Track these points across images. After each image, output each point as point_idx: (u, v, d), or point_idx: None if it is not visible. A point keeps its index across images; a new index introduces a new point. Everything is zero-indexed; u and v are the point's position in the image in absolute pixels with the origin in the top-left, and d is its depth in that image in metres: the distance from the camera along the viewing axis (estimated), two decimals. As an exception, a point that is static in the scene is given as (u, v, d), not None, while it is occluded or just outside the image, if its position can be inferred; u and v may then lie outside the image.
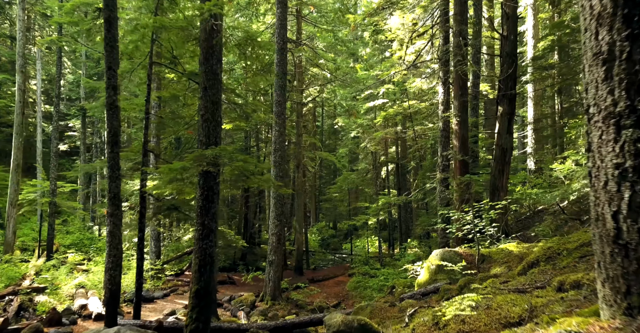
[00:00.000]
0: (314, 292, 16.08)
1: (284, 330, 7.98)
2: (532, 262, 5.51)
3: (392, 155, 27.46)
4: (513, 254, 7.89)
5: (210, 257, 6.68)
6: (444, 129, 13.36)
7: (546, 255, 5.42)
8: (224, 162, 6.45)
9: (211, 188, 6.78)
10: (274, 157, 14.33)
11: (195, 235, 6.78)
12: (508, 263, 7.43)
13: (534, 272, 5.02)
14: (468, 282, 6.79)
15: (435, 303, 6.91)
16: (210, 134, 6.88)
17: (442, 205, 12.77)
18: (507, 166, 12.22)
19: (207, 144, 6.79)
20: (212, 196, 6.80)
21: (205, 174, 6.71)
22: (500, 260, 7.86)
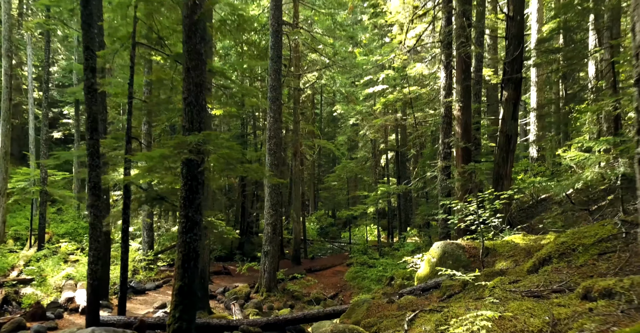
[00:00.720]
0: (311, 282, 15.69)
1: (276, 327, 7.56)
2: (544, 258, 5.03)
3: (392, 142, 26.90)
4: (519, 247, 7.42)
5: (195, 252, 6.21)
6: (445, 115, 12.81)
7: (559, 250, 4.93)
8: (208, 150, 5.93)
9: (195, 177, 6.28)
10: (269, 144, 13.80)
11: (178, 228, 6.29)
12: (514, 258, 6.96)
13: (547, 271, 4.53)
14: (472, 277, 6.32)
15: (436, 300, 6.46)
16: (193, 119, 6.35)
17: (443, 195, 12.29)
18: (512, 154, 11.71)
19: (190, 129, 6.27)
20: (196, 186, 6.30)
21: (188, 163, 6.20)
22: (506, 253, 7.40)
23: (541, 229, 10.58)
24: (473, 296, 5.28)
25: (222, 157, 6.19)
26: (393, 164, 27.26)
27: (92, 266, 7.41)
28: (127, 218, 8.36)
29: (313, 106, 32.83)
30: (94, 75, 7.58)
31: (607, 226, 4.91)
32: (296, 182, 21.35)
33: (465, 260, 7.61)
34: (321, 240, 29.49)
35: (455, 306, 3.89)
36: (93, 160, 7.53)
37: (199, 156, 5.99)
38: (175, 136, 6.57)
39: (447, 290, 6.48)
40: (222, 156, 6.15)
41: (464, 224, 8.32)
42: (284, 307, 12.85)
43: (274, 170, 13.84)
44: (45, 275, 12.36)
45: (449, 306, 4.36)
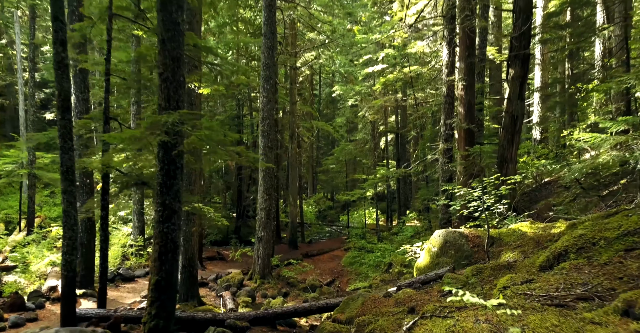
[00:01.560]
0: (307, 268, 15.25)
1: (265, 321, 7.08)
2: (559, 252, 4.46)
3: (392, 124, 26.23)
4: (527, 236, 6.88)
5: (173, 243, 5.65)
6: (447, 94, 12.14)
7: (577, 244, 4.37)
8: (186, 131, 5.31)
9: (173, 161, 5.68)
10: (262, 126, 13.16)
11: (154, 217, 5.73)
12: (522, 248, 6.42)
13: (565, 269, 3.97)
14: (477, 271, 5.79)
15: (437, 295, 5.93)
16: (170, 96, 5.71)
17: (445, 179, 11.72)
18: (518, 135, 11.08)
19: (167, 108, 5.64)
20: (174, 171, 5.70)
21: (164, 145, 5.59)
22: (513, 243, 6.86)
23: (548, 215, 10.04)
24: (477, 293, 4.74)
25: (201, 140, 5.57)
26: (393, 146, 26.64)
27: (66, 257, 6.87)
28: (106, 205, 7.79)
29: (311, 87, 32.00)
30: (64, 48, 6.89)
31: (633, 217, 4.34)
32: (293, 165, 20.75)
33: (469, 251, 7.08)
34: (319, 223, 29.07)
35: (462, 315, 3.34)
36: (65, 142, 6.91)
37: (173, 138, 5.37)
38: (149, 115, 5.94)
39: (448, 284, 5.95)
40: (200, 138, 5.53)
41: (467, 211, 7.76)
42: (278, 294, 12.42)
43: (268, 153, 13.24)
44: (29, 261, 11.87)
45: (452, 312, 3.82)
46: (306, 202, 32.08)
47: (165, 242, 5.64)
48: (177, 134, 5.46)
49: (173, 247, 5.69)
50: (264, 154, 13.12)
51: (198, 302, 10.22)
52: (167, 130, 5.35)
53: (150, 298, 5.52)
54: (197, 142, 5.66)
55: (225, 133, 5.70)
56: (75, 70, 10.57)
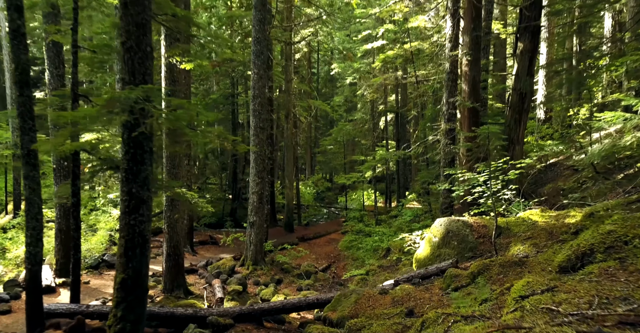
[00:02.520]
0: (302, 253, 14.69)
1: (251, 317, 6.51)
2: (583, 251, 3.81)
3: (392, 103, 25.37)
4: (538, 226, 6.23)
5: (142, 236, 5.01)
6: (450, 71, 11.32)
7: (605, 243, 3.71)
8: (151, 109, 4.59)
9: (139, 144, 4.97)
10: (254, 104, 12.38)
11: (120, 208, 5.07)
12: (534, 240, 5.78)
13: (594, 273, 3.32)
14: (484, 267, 5.15)
15: (439, 293, 5.31)
16: (135, 69, 4.97)
17: (446, 161, 11.03)
18: (525, 114, 10.37)
19: (131, 83, 4.90)
20: (141, 155, 5.01)
21: (130, 126, 4.88)
22: (522, 234, 6.21)
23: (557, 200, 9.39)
24: (486, 298, 4.11)
25: (170, 120, 4.85)
26: (392, 126, 25.84)
27: (30, 249, 6.25)
28: (78, 191, 7.12)
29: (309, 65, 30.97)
30: (20, 15, 6.11)
31: (673, 211, 3.66)
32: (289, 146, 20.02)
33: (473, 242, 6.45)
34: (317, 205, 28.53)
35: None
36: (25, 122, 6.21)
37: (132, 117, 4.65)
38: (107, 90, 5.22)
39: (452, 281, 5.33)
40: (172, 117, 4.81)
41: (471, 197, 7.09)
42: (270, 281, 11.89)
43: (260, 133, 12.50)
44: (7, 248, 11.30)
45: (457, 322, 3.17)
46: (304, 183, 31.46)
47: (133, 236, 4.99)
48: (143, 113, 4.74)
49: (141, 242, 5.04)
50: (255, 134, 12.39)
51: (184, 291, 9.68)
52: (126, 108, 4.63)
53: (115, 299, 4.90)
54: (166, 122, 4.94)
55: (199, 112, 4.98)
56: (47, 43, 9.75)
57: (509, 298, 3.47)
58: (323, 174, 35.79)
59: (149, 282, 9.99)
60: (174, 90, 9.37)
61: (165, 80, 9.36)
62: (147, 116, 4.55)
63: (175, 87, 9.41)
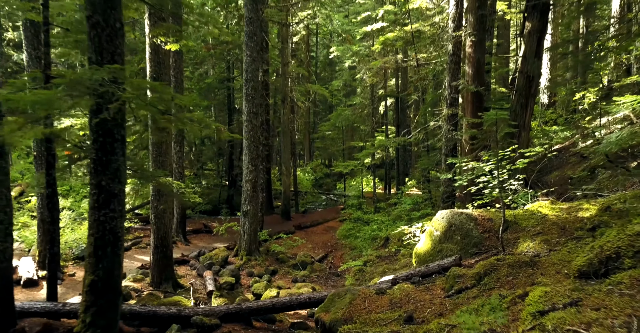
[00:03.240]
0: (298, 243, 14.31)
1: (238, 317, 6.09)
2: (608, 255, 3.33)
3: (392, 88, 24.71)
4: (548, 220, 5.75)
5: (113, 234, 4.53)
6: (453, 52, 10.70)
7: (634, 246, 3.23)
8: (117, 92, 4.06)
9: (109, 132, 4.46)
10: (246, 88, 11.81)
11: (89, 202, 4.58)
12: (544, 236, 5.30)
13: (624, 284, 2.85)
14: (491, 267, 4.68)
15: (441, 295, 4.86)
16: (102, 48, 4.42)
17: (448, 148, 10.51)
18: (532, 99, 9.82)
19: (98, 63, 4.36)
20: (112, 144, 4.50)
21: (99, 111, 4.36)
22: (532, 228, 5.74)
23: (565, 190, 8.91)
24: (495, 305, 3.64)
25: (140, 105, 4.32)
26: (392, 111, 25.24)
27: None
28: (53, 181, 6.63)
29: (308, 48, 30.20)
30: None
31: None
32: (285, 131, 19.46)
33: (478, 237, 5.98)
34: (316, 191, 28.08)
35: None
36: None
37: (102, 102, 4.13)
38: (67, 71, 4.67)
39: (455, 282, 4.87)
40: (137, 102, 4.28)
41: (475, 188, 6.58)
42: (265, 272, 11.50)
43: (253, 119, 11.96)
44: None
45: None
46: (302, 170, 30.97)
47: (103, 233, 4.51)
48: (110, 96, 4.21)
49: (113, 240, 4.56)
50: (248, 120, 11.85)
51: (173, 284, 9.28)
52: (91, 92, 4.10)
53: (84, 303, 4.44)
54: (136, 107, 4.41)
55: (174, 96, 4.45)
56: (24, 22, 9.14)
57: (524, 311, 3.00)
58: (322, 160, 35.25)
59: (137, 276, 9.59)
60: (159, 73, 8.81)
61: (150, 62, 8.79)
62: (112, 100, 4.02)
63: (161, 69, 8.83)
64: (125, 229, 13.65)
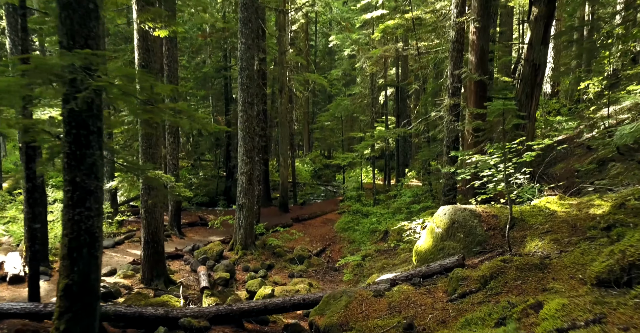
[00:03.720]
0: (295, 236, 14.01)
1: (229, 319, 5.79)
2: (631, 262, 3.00)
3: (392, 77, 24.24)
4: (558, 217, 5.41)
5: (90, 234, 4.19)
6: (456, 40, 10.27)
7: (662, 252, 2.88)
8: (87, 80, 3.68)
9: (84, 124, 4.09)
10: (241, 77, 11.40)
11: (63, 200, 4.24)
12: (554, 235, 4.96)
13: (654, 298, 2.49)
14: (497, 269, 4.35)
15: (443, 298, 4.53)
16: (74, 31, 4.03)
17: (450, 139, 10.13)
18: (538, 88, 9.43)
19: (71, 47, 3.98)
20: (87, 137, 4.14)
21: (72, 101, 3.99)
22: (539, 226, 5.39)
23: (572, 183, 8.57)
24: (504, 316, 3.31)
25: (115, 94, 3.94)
26: (392, 101, 24.81)
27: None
28: (33, 175, 6.28)
29: (307, 37, 29.66)
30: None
31: None
32: (283, 122, 19.06)
33: (482, 235, 5.64)
34: (315, 183, 27.73)
35: None
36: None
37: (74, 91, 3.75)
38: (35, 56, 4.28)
39: (458, 285, 4.54)
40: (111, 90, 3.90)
41: (479, 182, 6.23)
42: (261, 267, 11.21)
43: (248, 109, 11.57)
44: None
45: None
46: (301, 160, 30.58)
47: (78, 234, 4.17)
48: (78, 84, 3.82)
49: (89, 240, 4.22)
50: (243, 110, 11.46)
51: (165, 281, 8.97)
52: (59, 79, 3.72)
53: (58, 309, 4.12)
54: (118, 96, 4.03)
55: (154, 84, 4.07)
56: (5, 7, 8.70)
57: (540, 328, 2.66)
58: (321, 151, 34.83)
59: (128, 272, 9.29)
60: (148, 60, 8.40)
61: (139, 49, 8.37)
62: (81, 89, 3.64)
63: (150, 57, 8.42)
64: (118, 222, 13.39)
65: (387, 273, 9.71)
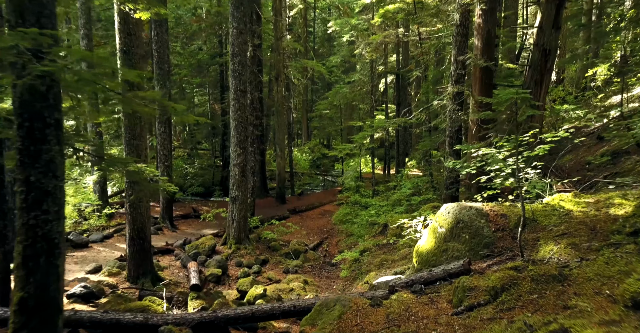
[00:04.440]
0: (292, 229, 13.55)
1: (213, 327, 5.34)
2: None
3: (392, 64, 23.58)
4: (574, 218, 4.90)
5: (47, 241, 3.69)
6: (461, 23, 9.65)
7: None
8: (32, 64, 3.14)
9: (38, 115, 3.57)
10: (233, 64, 10.81)
11: (17, 202, 3.73)
12: (570, 238, 4.47)
13: None
14: (509, 280, 3.86)
15: (447, 309, 4.05)
16: (24, 8, 3.47)
17: (453, 129, 9.59)
18: (548, 75, 8.87)
19: (20, 27, 3.43)
20: (42, 130, 3.62)
21: (24, 89, 3.46)
22: (554, 228, 4.89)
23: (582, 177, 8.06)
24: None
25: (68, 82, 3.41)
26: (393, 88, 24.17)
27: None
28: (1, 169, 5.76)
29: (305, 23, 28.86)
30: None
31: None
32: (280, 111, 18.47)
33: (489, 236, 5.14)
34: (313, 173, 27.20)
35: None
36: None
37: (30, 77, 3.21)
38: None
39: (465, 296, 4.06)
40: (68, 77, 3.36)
41: (485, 177, 5.71)
42: (255, 262, 10.77)
43: (241, 97, 11.00)
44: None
45: None
46: (300, 149, 30.03)
47: (34, 240, 3.67)
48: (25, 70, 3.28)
49: (47, 247, 3.72)
50: (235, 98, 10.90)
51: (153, 278, 8.53)
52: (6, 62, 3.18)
53: (12, 325, 3.63)
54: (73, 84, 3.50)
55: (116, 69, 3.53)
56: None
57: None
58: (320, 140, 34.23)
59: (113, 269, 8.83)
60: (130, 45, 7.83)
61: (120, 33, 7.80)
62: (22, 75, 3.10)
63: (132, 41, 7.84)
64: (107, 215, 12.91)
65: (385, 270, 9.28)
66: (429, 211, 9.79)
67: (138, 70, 8.04)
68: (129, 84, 7.94)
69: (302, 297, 7.93)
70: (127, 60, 7.82)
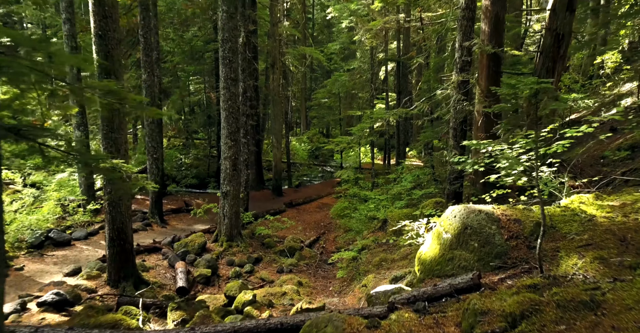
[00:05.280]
0: (287, 224, 12.99)
1: (192, 345, 4.79)
2: None
3: (393, 51, 22.78)
4: (598, 225, 4.31)
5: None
6: (466, 6, 8.95)
7: None
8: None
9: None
10: (223, 50, 10.14)
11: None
12: (597, 250, 3.87)
13: None
14: (530, 306, 3.28)
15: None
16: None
17: (458, 121, 8.95)
18: (561, 62, 8.20)
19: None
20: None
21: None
22: (576, 236, 4.30)
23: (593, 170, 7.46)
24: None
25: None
26: (393, 76, 23.43)
27: None
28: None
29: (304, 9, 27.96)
30: None
31: None
32: (275, 99, 17.79)
33: (502, 245, 4.55)
34: (311, 163, 26.58)
35: None
36: None
37: None
38: None
39: (476, 322, 3.47)
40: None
41: (494, 176, 5.09)
42: (247, 261, 10.23)
43: (231, 86, 10.35)
44: None
45: None
46: (298, 139, 29.38)
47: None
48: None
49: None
50: (225, 87, 10.26)
51: (135, 281, 7.99)
52: None
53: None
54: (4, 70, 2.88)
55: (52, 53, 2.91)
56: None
57: None
58: (319, 129, 33.55)
59: (93, 271, 8.27)
60: (106, 29, 7.15)
61: (95, 15, 7.12)
62: None
63: (108, 25, 7.17)
64: (92, 211, 12.33)
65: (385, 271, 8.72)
66: (431, 207, 9.20)
67: (116, 56, 7.40)
68: (105, 72, 7.30)
69: (295, 301, 7.40)
70: (103, 46, 7.15)
